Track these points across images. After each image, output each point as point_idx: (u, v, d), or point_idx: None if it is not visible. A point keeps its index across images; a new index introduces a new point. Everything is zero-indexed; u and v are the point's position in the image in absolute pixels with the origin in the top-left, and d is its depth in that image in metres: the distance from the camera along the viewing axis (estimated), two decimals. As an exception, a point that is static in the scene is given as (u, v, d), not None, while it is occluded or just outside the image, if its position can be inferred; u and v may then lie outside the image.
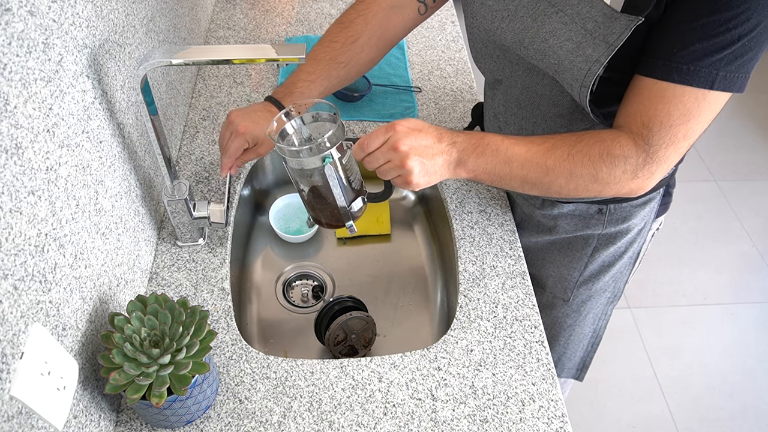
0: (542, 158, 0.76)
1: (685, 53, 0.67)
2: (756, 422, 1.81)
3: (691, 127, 0.71)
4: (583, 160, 0.75)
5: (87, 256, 0.69)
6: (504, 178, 0.78)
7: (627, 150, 0.74)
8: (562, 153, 0.75)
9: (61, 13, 0.63)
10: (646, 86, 0.71)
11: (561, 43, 0.75)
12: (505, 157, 0.76)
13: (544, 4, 0.76)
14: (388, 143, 0.74)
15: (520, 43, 0.81)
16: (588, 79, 0.73)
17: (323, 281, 1.10)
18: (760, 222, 2.39)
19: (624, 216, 0.94)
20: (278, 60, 0.69)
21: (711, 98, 0.69)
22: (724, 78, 0.67)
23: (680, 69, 0.68)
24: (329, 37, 0.96)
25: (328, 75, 0.94)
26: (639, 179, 0.75)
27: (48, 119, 0.60)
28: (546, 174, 0.76)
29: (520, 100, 0.90)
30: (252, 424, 0.77)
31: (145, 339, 0.67)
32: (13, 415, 0.53)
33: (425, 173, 0.75)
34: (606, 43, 0.71)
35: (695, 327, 2.04)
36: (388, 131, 0.74)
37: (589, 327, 1.16)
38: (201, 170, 1.08)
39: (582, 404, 1.82)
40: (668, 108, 0.70)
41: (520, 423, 0.79)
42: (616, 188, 0.76)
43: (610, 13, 0.70)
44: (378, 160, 0.75)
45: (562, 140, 0.77)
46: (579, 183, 0.76)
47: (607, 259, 1.02)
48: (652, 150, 0.73)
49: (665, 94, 0.70)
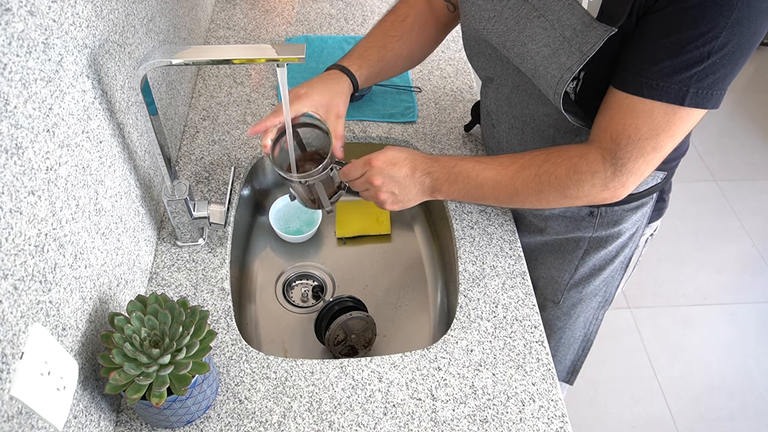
0: (511, 181, 0.81)
1: (656, 69, 0.67)
2: (756, 422, 1.81)
3: (661, 141, 0.71)
4: (550, 179, 0.79)
5: (87, 256, 0.69)
6: (478, 200, 0.86)
7: (594, 165, 0.76)
8: (530, 174, 0.80)
9: (61, 13, 0.63)
10: (617, 99, 0.72)
11: (539, 48, 0.75)
12: (476, 183, 0.83)
13: (528, 8, 0.77)
14: (364, 176, 0.84)
15: (503, 45, 0.82)
16: (560, 86, 0.74)
17: (323, 281, 1.10)
18: (760, 222, 2.39)
19: (615, 220, 0.94)
20: (278, 60, 0.69)
21: (682, 114, 0.68)
22: (696, 95, 0.67)
23: (650, 84, 0.68)
24: (380, 20, 1.01)
25: (383, 44, 0.97)
26: (610, 190, 0.77)
27: (48, 119, 0.60)
28: (515, 195, 0.82)
29: (510, 98, 0.90)
30: (252, 424, 0.77)
31: (145, 339, 0.67)
32: (13, 415, 0.53)
33: (396, 202, 0.86)
34: (580, 52, 0.71)
35: (695, 327, 2.04)
36: (365, 165, 0.84)
37: (579, 331, 1.16)
38: (201, 170, 1.08)
39: (582, 404, 1.82)
40: (637, 122, 0.70)
41: (520, 423, 0.79)
42: (587, 200, 0.80)
43: (588, 22, 0.70)
44: (358, 187, 0.87)
45: (530, 160, 0.81)
46: (549, 200, 0.81)
47: (597, 263, 1.02)
48: (620, 163, 0.74)
49: (635, 108, 0.70)
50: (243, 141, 1.13)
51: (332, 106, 0.88)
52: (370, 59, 0.95)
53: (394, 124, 1.19)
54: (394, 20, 0.99)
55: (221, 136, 1.14)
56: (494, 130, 1.00)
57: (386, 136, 1.17)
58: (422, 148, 1.14)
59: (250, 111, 1.20)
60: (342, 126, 0.89)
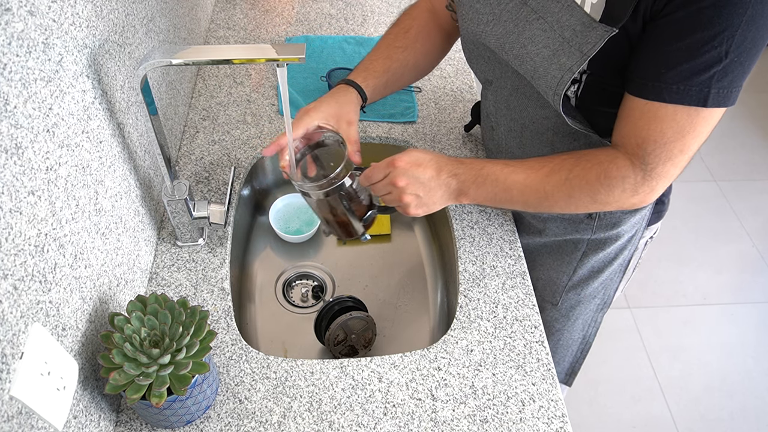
0: (541, 184, 0.79)
1: (674, 73, 0.66)
2: (756, 422, 1.81)
3: (687, 142, 0.71)
4: (581, 184, 0.77)
5: (87, 256, 0.69)
6: (505, 204, 0.83)
7: (624, 170, 0.75)
8: (560, 178, 0.78)
9: (61, 13, 0.63)
10: (638, 107, 0.71)
11: (538, 50, 0.75)
12: (505, 186, 0.80)
13: (527, 10, 0.76)
14: (388, 178, 0.80)
15: (501, 48, 0.81)
16: (560, 87, 0.74)
17: (323, 281, 1.10)
18: (760, 222, 2.39)
19: (613, 222, 0.94)
20: (278, 60, 0.69)
21: (705, 114, 0.68)
22: (717, 94, 0.66)
23: (670, 89, 0.67)
24: (384, 34, 1.01)
25: (388, 56, 0.97)
26: (640, 195, 0.76)
27: (48, 119, 0.60)
28: (545, 199, 0.80)
29: (509, 101, 0.90)
30: (252, 424, 0.77)
31: (145, 339, 0.67)
32: (13, 415, 0.53)
33: (421, 205, 0.82)
34: (580, 52, 0.71)
35: (695, 327, 2.04)
36: (388, 167, 0.80)
37: (578, 333, 1.16)
38: (201, 170, 1.08)
39: (582, 404, 1.82)
40: (661, 127, 0.70)
41: (520, 423, 0.79)
42: (617, 206, 0.78)
43: (588, 23, 0.70)
44: (380, 191, 0.82)
45: (560, 164, 0.79)
46: (579, 205, 0.79)
47: (596, 265, 1.02)
48: (650, 168, 0.73)
49: (657, 113, 0.70)
50: (243, 141, 1.13)
51: (342, 115, 0.87)
52: (375, 70, 0.95)
53: (394, 124, 1.19)
54: (398, 32, 0.99)
55: (221, 136, 1.14)
56: (493, 132, 1.00)
57: (386, 136, 1.17)
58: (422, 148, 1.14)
59: (250, 111, 1.20)
60: (355, 132, 0.87)
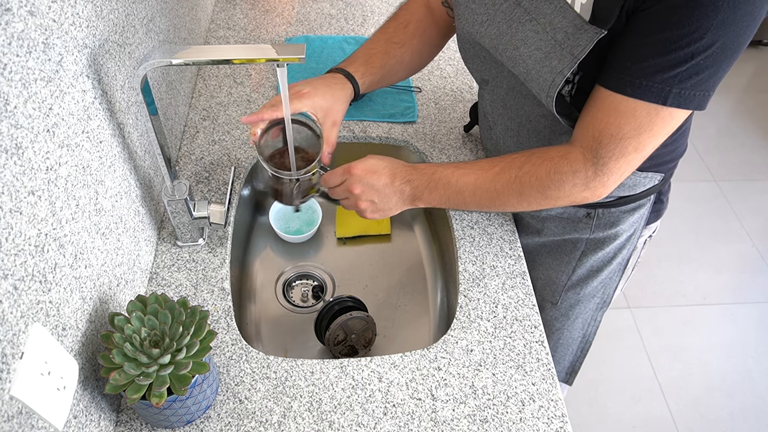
0: (491, 184, 0.82)
1: (639, 68, 0.67)
2: (756, 422, 1.81)
3: (643, 140, 0.71)
4: (530, 180, 0.79)
5: (87, 256, 0.69)
6: (460, 206, 0.86)
7: (576, 165, 0.76)
8: (510, 176, 0.80)
9: (61, 13, 0.63)
10: (601, 97, 0.72)
11: (530, 52, 0.75)
12: (457, 188, 0.83)
13: (520, 12, 0.76)
14: (345, 184, 0.85)
15: (495, 48, 0.82)
16: (552, 89, 0.74)
17: (323, 281, 1.10)
18: (760, 222, 2.39)
19: (612, 221, 0.94)
20: (278, 60, 0.69)
21: (664, 114, 0.68)
22: (678, 95, 0.66)
23: (633, 83, 0.67)
24: (382, 27, 1.01)
25: (387, 51, 0.97)
26: (590, 189, 0.77)
27: (48, 119, 0.60)
28: (497, 198, 0.82)
29: (505, 100, 0.90)
30: (252, 424, 0.77)
31: (145, 339, 0.67)
32: (13, 415, 0.53)
33: (377, 210, 0.86)
34: (571, 55, 0.71)
35: (695, 327, 2.04)
36: (345, 173, 0.84)
37: (578, 332, 1.16)
38: (201, 170, 1.08)
39: (582, 404, 1.82)
40: (620, 121, 0.70)
41: (520, 423, 0.79)
42: (569, 201, 0.80)
43: (580, 25, 0.69)
44: (337, 195, 0.87)
45: (510, 163, 0.81)
46: (531, 201, 0.81)
47: (595, 264, 1.02)
48: (602, 162, 0.74)
49: (618, 106, 0.70)
50: (243, 141, 1.13)
51: (331, 112, 0.88)
52: (373, 66, 0.95)
53: (394, 124, 1.19)
54: (397, 27, 0.99)
55: (221, 136, 1.14)
56: (491, 131, 1.00)
57: (386, 136, 1.17)
58: (422, 148, 1.14)
59: (250, 111, 1.20)
60: (336, 134, 0.89)
